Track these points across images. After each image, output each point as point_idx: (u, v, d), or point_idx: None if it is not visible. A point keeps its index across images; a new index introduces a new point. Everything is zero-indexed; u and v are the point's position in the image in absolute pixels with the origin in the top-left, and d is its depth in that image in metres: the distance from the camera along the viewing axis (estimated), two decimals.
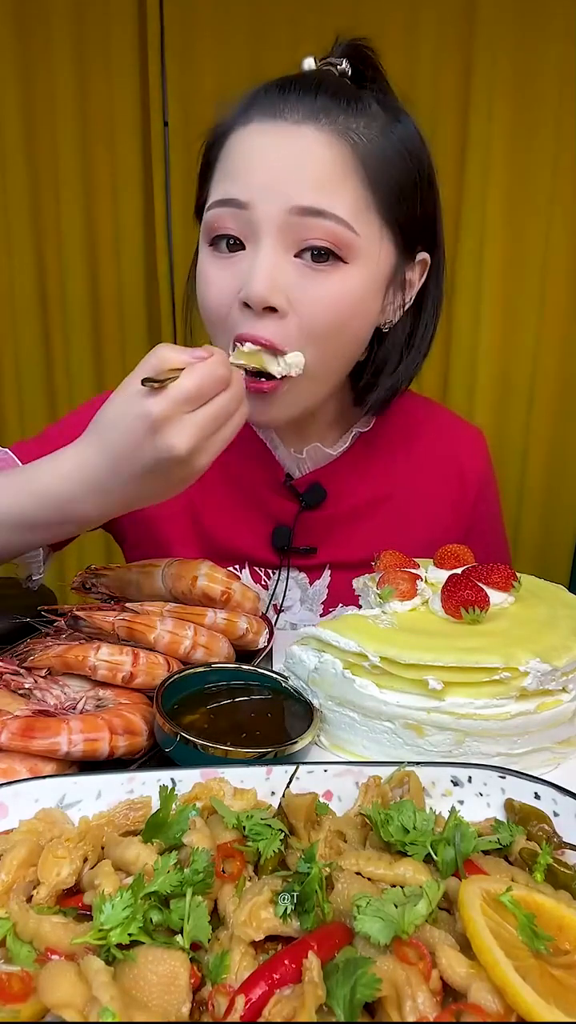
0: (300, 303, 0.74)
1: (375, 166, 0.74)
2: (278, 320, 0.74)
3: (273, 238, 0.72)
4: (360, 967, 0.36)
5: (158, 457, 0.61)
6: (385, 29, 2.00)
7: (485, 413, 2.22)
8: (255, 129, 0.74)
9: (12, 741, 0.56)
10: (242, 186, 0.73)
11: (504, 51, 1.98)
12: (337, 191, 0.72)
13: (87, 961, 0.36)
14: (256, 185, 0.72)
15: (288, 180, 0.71)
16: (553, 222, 2.09)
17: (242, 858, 0.45)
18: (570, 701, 0.62)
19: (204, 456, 0.62)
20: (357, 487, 0.95)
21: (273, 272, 0.72)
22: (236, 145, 0.75)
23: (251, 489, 0.94)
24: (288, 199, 0.71)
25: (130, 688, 0.67)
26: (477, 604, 0.67)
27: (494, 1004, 0.35)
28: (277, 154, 0.72)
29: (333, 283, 0.74)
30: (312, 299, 0.74)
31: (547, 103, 2.01)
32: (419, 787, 0.53)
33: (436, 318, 0.89)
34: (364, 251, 0.75)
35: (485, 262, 2.11)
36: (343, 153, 0.73)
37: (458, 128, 2.06)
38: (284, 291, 0.73)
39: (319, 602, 0.96)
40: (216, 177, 0.77)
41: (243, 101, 0.77)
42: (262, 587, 0.96)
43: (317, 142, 0.72)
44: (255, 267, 0.72)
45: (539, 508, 2.29)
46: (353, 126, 0.73)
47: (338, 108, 0.73)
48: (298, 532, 0.93)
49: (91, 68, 2.10)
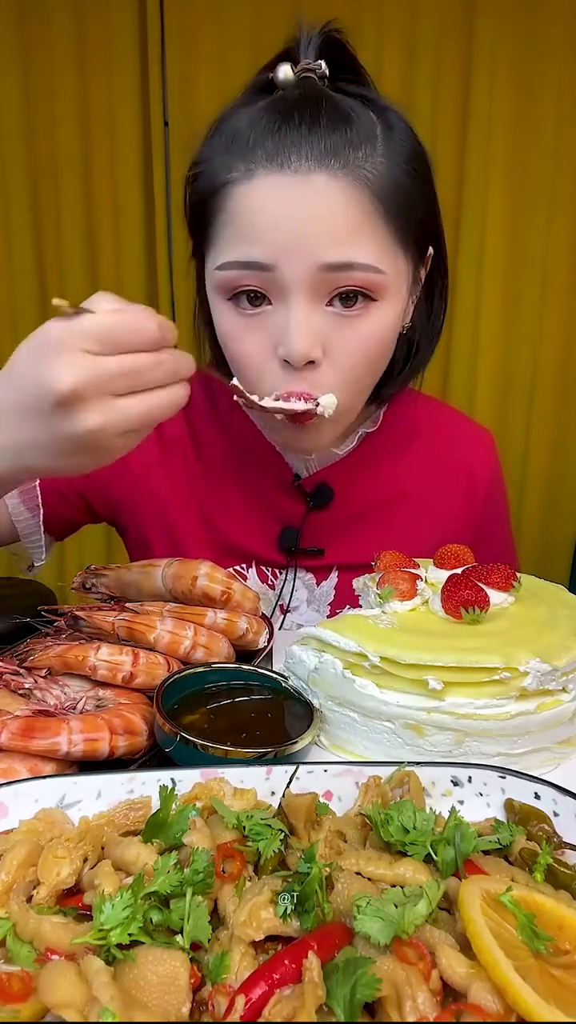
0: (336, 350, 0.74)
1: (390, 196, 0.72)
2: (315, 369, 0.74)
3: (303, 294, 0.71)
4: (360, 967, 0.36)
5: (37, 381, 0.50)
6: (385, 29, 2.00)
7: (485, 413, 2.22)
8: (262, 184, 0.70)
9: (12, 741, 0.56)
10: (262, 248, 0.70)
11: (504, 51, 1.99)
12: (361, 239, 0.71)
13: (87, 961, 0.36)
14: (278, 247, 0.70)
15: (311, 238, 0.69)
16: (553, 221, 2.09)
17: (242, 858, 0.45)
18: (570, 701, 0.62)
19: (94, 414, 0.50)
20: (365, 487, 0.95)
21: (309, 328, 0.72)
22: (242, 201, 0.71)
23: (260, 489, 0.94)
24: (315, 258, 0.70)
25: (130, 688, 0.67)
26: (477, 604, 0.67)
27: (494, 1004, 0.35)
28: (295, 211, 0.69)
29: (366, 325, 0.74)
30: (348, 345, 0.74)
31: (547, 103, 2.02)
32: (419, 787, 0.53)
33: (444, 304, 0.89)
34: (392, 285, 0.75)
35: (485, 261, 2.11)
36: (359, 197, 0.70)
37: (458, 128, 2.06)
38: (320, 342, 0.73)
39: (326, 603, 0.96)
40: (223, 233, 0.74)
41: (236, 141, 0.72)
42: (268, 587, 0.96)
43: (333, 191, 0.69)
44: (292, 326, 0.71)
45: (539, 508, 2.29)
46: (360, 160, 0.70)
47: (342, 142, 0.69)
48: (306, 533, 0.93)
49: (91, 67, 2.10)
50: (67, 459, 0.54)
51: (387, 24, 2.00)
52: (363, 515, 0.95)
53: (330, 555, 0.94)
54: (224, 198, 0.73)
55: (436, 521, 0.96)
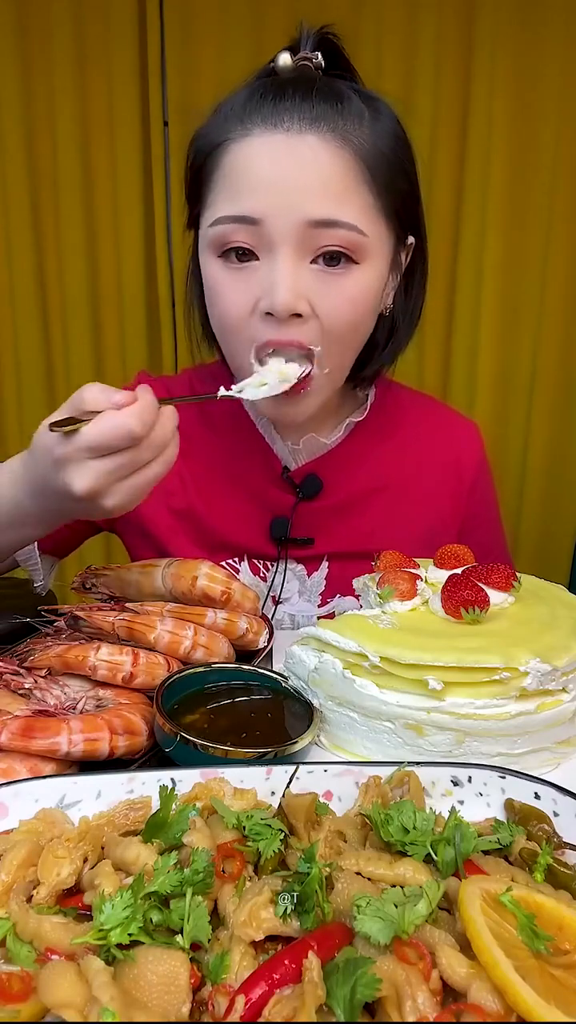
0: (321, 306, 0.76)
1: (374, 165, 0.76)
2: (301, 324, 0.76)
3: (289, 248, 0.74)
4: (360, 967, 0.36)
5: (62, 491, 0.62)
6: (385, 29, 2.00)
7: (485, 412, 2.22)
8: (256, 141, 0.74)
9: (12, 741, 0.56)
10: (252, 202, 0.74)
11: (504, 51, 1.99)
12: (346, 199, 0.74)
13: (87, 961, 0.36)
14: (267, 201, 0.73)
15: (299, 194, 0.73)
16: (553, 221, 2.09)
17: (242, 858, 0.45)
18: (570, 701, 0.62)
19: (111, 499, 0.62)
20: (353, 477, 0.96)
21: (294, 281, 0.74)
22: (237, 158, 0.75)
23: (249, 482, 0.95)
24: (302, 213, 0.73)
25: (130, 688, 0.67)
26: (477, 604, 0.67)
27: (494, 1004, 0.35)
28: (284, 167, 0.73)
29: (349, 284, 0.77)
30: (332, 302, 0.76)
31: (547, 102, 2.02)
32: (419, 787, 0.53)
33: (424, 294, 0.93)
34: (373, 249, 0.78)
35: (485, 261, 2.11)
36: (346, 159, 0.74)
37: (458, 128, 2.06)
38: (305, 297, 0.75)
39: (317, 593, 0.97)
40: (217, 190, 0.77)
41: (233, 109, 0.76)
42: (261, 579, 0.96)
43: (322, 151, 0.73)
44: (277, 278, 0.74)
45: (539, 508, 2.29)
46: (349, 128, 0.74)
47: (333, 112, 0.74)
48: (295, 524, 0.94)
49: (91, 68, 2.10)
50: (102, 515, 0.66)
51: (387, 24, 2.00)
52: (352, 505, 0.96)
53: (320, 545, 0.96)
54: (220, 157, 0.77)
55: (424, 510, 0.98)
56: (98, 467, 0.60)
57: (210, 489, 0.96)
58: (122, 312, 2.24)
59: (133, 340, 2.27)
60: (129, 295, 2.23)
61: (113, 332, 2.27)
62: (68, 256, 2.20)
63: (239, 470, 0.96)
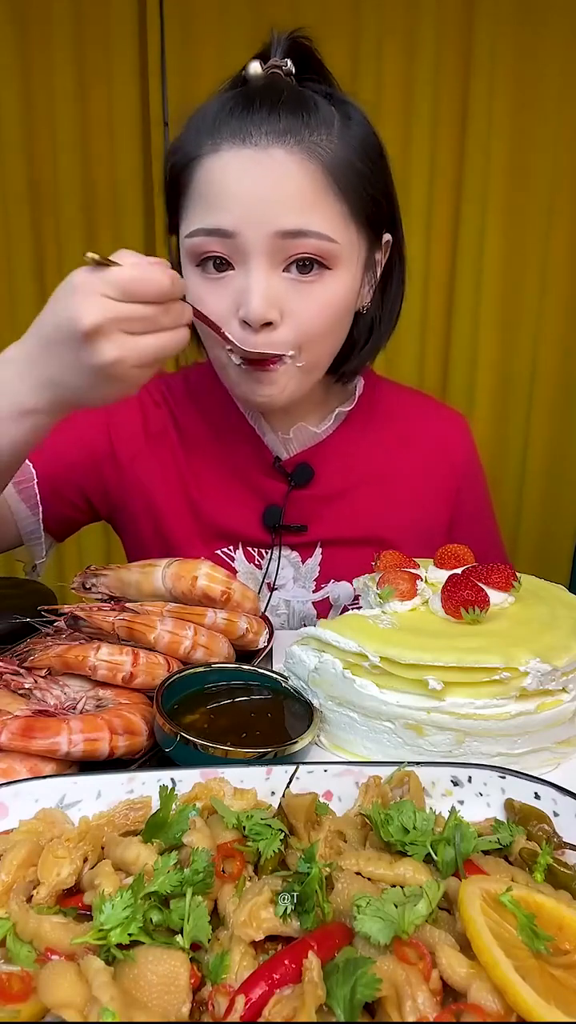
0: (293, 313, 0.80)
1: (342, 174, 0.79)
2: (273, 331, 0.79)
3: (262, 259, 0.77)
4: (360, 967, 0.36)
5: (65, 319, 0.60)
6: (385, 29, 2.00)
7: (485, 412, 2.22)
8: (226, 156, 0.76)
9: (12, 741, 0.56)
10: (225, 215, 0.77)
11: (504, 51, 1.99)
12: (315, 209, 0.77)
13: (87, 961, 0.37)
14: (239, 214, 0.76)
15: (269, 206, 0.76)
16: (553, 221, 2.09)
17: (242, 858, 0.45)
18: (570, 701, 0.62)
19: (111, 347, 0.60)
20: (343, 466, 0.99)
21: (267, 291, 0.77)
22: (209, 173, 0.78)
23: (242, 472, 0.98)
24: (272, 224, 0.76)
25: (130, 688, 0.67)
26: (477, 604, 0.67)
27: (494, 1004, 0.35)
28: (254, 181, 0.76)
29: (321, 291, 0.80)
30: (304, 309, 0.80)
31: (547, 102, 2.02)
32: (419, 787, 0.53)
33: (403, 289, 0.97)
34: (345, 255, 0.81)
35: (485, 261, 2.11)
36: (314, 171, 0.77)
37: (458, 128, 2.06)
38: (278, 305, 0.79)
39: (311, 579, 0.99)
40: (192, 203, 0.80)
41: (204, 123, 0.79)
42: (256, 567, 0.99)
43: (290, 165, 0.76)
44: (250, 289, 0.77)
45: (539, 508, 2.29)
46: (316, 140, 0.77)
47: (300, 124, 0.76)
48: (288, 511, 0.97)
49: (91, 68, 2.10)
50: (94, 389, 0.63)
51: (387, 24, 2.00)
52: (343, 493, 0.98)
53: (313, 531, 0.98)
54: (193, 171, 0.80)
55: (415, 497, 1.01)
56: (115, 306, 0.59)
57: (205, 479, 0.98)
58: None
59: None
60: None
61: None
62: (68, 256, 2.20)
63: (232, 461, 0.98)
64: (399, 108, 2.06)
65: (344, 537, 0.97)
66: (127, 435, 0.97)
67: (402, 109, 2.06)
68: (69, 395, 0.65)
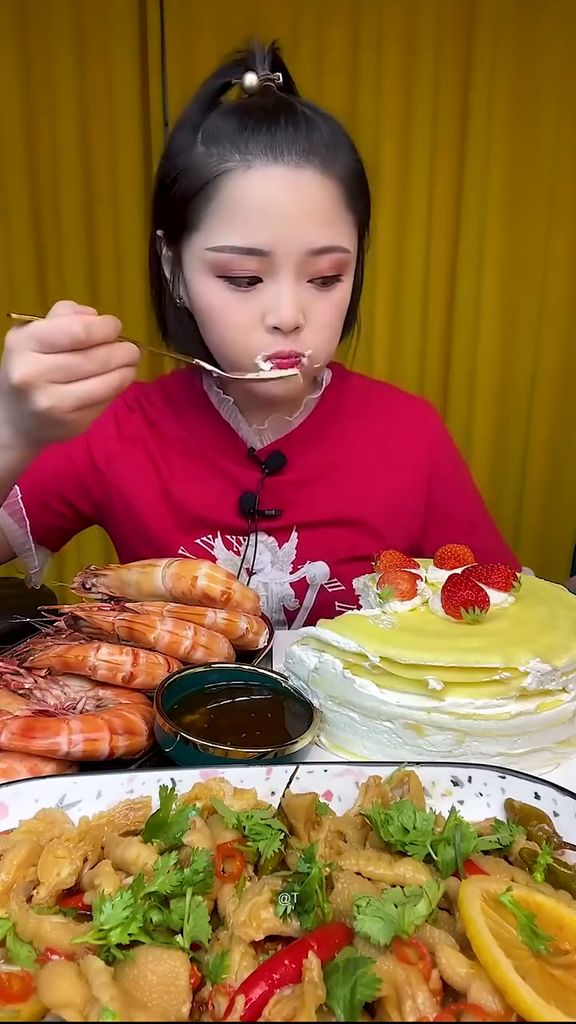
0: (313, 317, 0.86)
1: (352, 188, 0.84)
2: (299, 333, 0.86)
3: (292, 272, 0.83)
4: (360, 967, 0.36)
5: (2, 378, 0.65)
6: (385, 29, 2.00)
7: (485, 413, 2.22)
8: (258, 173, 0.79)
9: (12, 741, 0.56)
10: (260, 234, 0.80)
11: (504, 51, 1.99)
12: (338, 225, 0.84)
13: (87, 961, 0.36)
14: (274, 233, 0.80)
15: (304, 226, 0.81)
16: (553, 221, 2.09)
17: (242, 858, 0.45)
18: (570, 701, 0.62)
19: (42, 397, 0.64)
20: (315, 452, 1.03)
21: (297, 300, 0.84)
22: (240, 188, 0.80)
23: (217, 464, 1.02)
24: (304, 242, 0.81)
25: (130, 688, 0.67)
26: (477, 604, 0.67)
27: (494, 1004, 0.35)
28: (288, 200, 0.80)
29: (334, 296, 0.88)
30: (322, 313, 0.87)
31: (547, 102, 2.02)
32: (419, 787, 0.53)
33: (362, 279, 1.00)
34: (352, 262, 0.89)
35: (485, 262, 2.11)
36: (335, 188, 0.82)
37: (458, 128, 2.07)
38: (304, 311, 0.85)
39: (288, 562, 1.02)
40: (218, 217, 0.82)
41: (225, 136, 0.80)
42: (235, 553, 1.02)
43: (318, 184, 0.81)
44: (283, 299, 0.83)
45: (539, 508, 2.29)
46: (332, 157, 0.81)
47: (319, 143, 0.81)
48: (263, 497, 1.00)
49: (91, 68, 2.10)
50: (45, 430, 0.68)
51: (387, 24, 2.00)
52: (316, 478, 1.03)
53: (288, 516, 1.01)
54: (218, 186, 0.81)
55: (386, 481, 1.05)
56: (39, 360, 0.63)
57: (182, 474, 1.02)
58: (122, 313, 2.24)
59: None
60: (129, 296, 2.23)
61: None
62: (68, 256, 2.20)
63: (207, 452, 1.02)
64: (399, 108, 2.06)
65: (318, 520, 1.01)
66: (102, 440, 1.03)
67: (402, 109, 2.06)
68: (29, 433, 0.70)
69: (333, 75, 2.04)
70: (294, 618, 1.04)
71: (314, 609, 1.03)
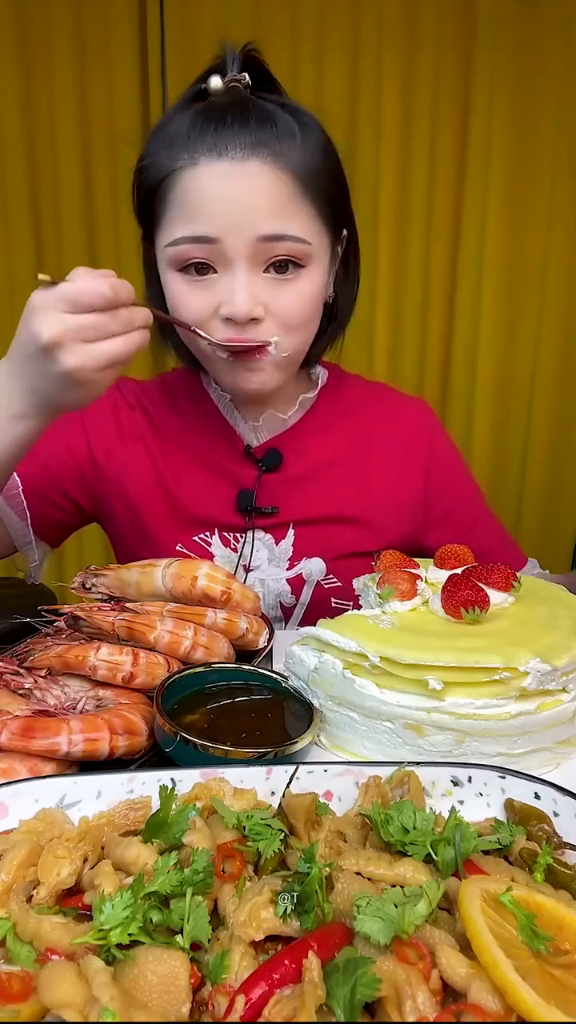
0: (275, 309, 0.87)
1: (309, 178, 0.85)
2: (257, 325, 0.87)
3: (243, 262, 0.84)
4: (360, 967, 0.36)
5: (28, 339, 0.68)
6: (385, 29, 2.00)
7: (485, 413, 2.22)
8: (204, 169, 0.82)
9: (12, 741, 0.56)
10: (208, 224, 0.83)
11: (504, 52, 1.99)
12: (290, 214, 0.84)
13: (87, 961, 0.36)
14: (221, 222, 0.82)
15: (249, 213, 0.82)
16: (553, 221, 2.09)
17: (242, 858, 0.45)
18: (570, 701, 0.62)
19: (71, 356, 0.67)
20: (311, 450, 1.04)
21: (250, 289, 0.84)
22: (188, 184, 0.83)
23: (215, 461, 1.03)
24: (252, 230, 0.82)
25: (130, 688, 0.67)
26: (477, 604, 0.67)
27: (494, 1004, 0.35)
28: (234, 191, 0.82)
29: (298, 287, 0.88)
30: (284, 304, 0.87)
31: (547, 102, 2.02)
32: (419, 787, 0.53)
33: (358, 277, 1.03)
34: (316, 253, 0.88)
35: (485, 261, 2.11)
36: (285, 180, 0.83)
37: (458, 129, 2.06)
38: (260, 302, 0.86)
39: (285, 559, 1.03)
40: (172, 214, 0.86)
41: (177, 137, 0.84)
42: (232, 550, 1.02)
43: (264, 175, 0.82)
44: (235, 289, 0.84)
45: (539, 508, 2.29)
46: (284, 150, 0.83)
47: (269, 136, 0.82)
48: (260, 495, 1.01)
49: (91, 68, 2.10)
50: (66, 393, 0.70)
51: (387, 24, 2.00)
52: (312, 475, 1.04)
53: (285, 513, 1.02)
54: (171, 184, 0.85)
55: (382, 477, 1.06)
56: (67, 319, 0.66)
57: (181, 471, 1.03)
58: None
59: None
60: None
61: None
62: (68, 256, 2.20)
63: (206, 452, 1.03)
64: (399, 108, 2.06)
65: (314, 516, 1.02)
66: (102, 436, 1.04)
67: (402, 109, 2.06)
68: (49, 399, 0.72)
69: (333, 75, 2.04)
70: (291, 614, 1.04)
71: (310, 605, 1.03)
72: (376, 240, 2.12)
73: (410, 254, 2.14)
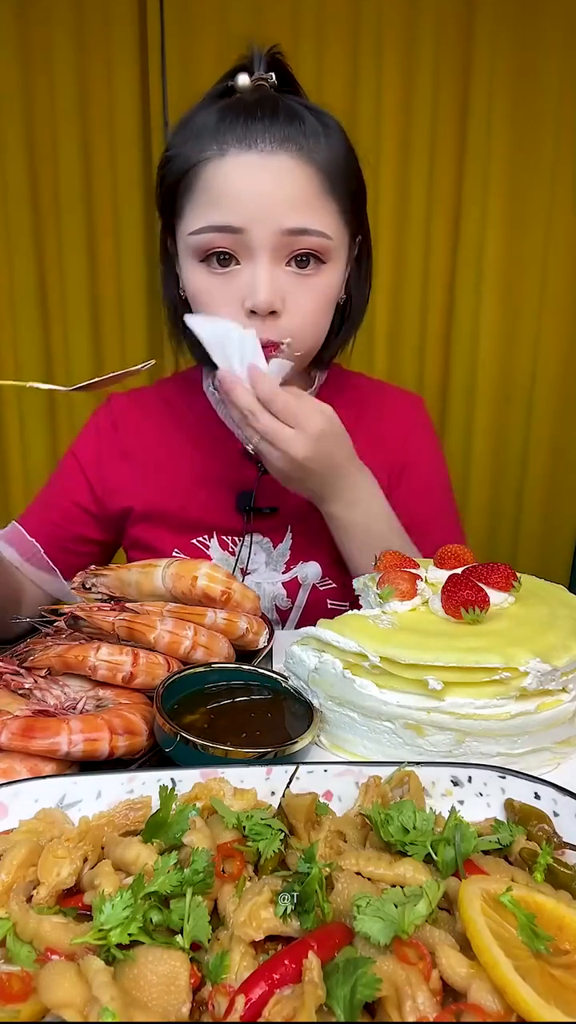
0: (293, 303, 0.88)
1: (333, 176, 0.87)
2: (276, 319, 0.88)
3: (267, 253, 0.85)
4: (360, 967, 0.36)
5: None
6: (385, 29, 2.00)
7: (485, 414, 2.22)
8: (233, 160, 0.84)
9: (12, 741, 0.56)
10: (234, 214, 0.84)
11: (504, 50, 1.99)
12: (315, 209, 0.86)
13: (87, 961, 0.36)
14: (247, 212, 0.84)
15: (275, 206, 0.84)
16: (553, 221, 2.09)
17: (242, 858, 0.45)
18: (570, 701, 0.62)
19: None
20: None
21: (272, 282, 0.86)
22: (216, 174, 0.85)
23: (214, 466, 1.03)
24: (278, 223, 0.84)
25: (130, 688, 0.67)
26: (477, 604, 0.67)
27: (494, 1004, 0.35)
28: (262, 182, 0.84)
29: (317, 283, 0.89)
30: (303, 299, 0.89)
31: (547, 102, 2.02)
32: (419, 787, 0.53)
33: (370, 280, 1.04)
34: (337, 249, 0.90)
35: (485, 262, 2.11)
36: (311, 175, 0.85)
37: (458, 129, 2.06)
38: (280, 295, 0.87)
39: (282, 562, 1.04)
40: (197, 203, 0.87)
41: (206, 129, 0.85)
42: (230, 554, 1.03)
43: (292, 169, 0.84)
44: (258, 280, 0.85)
45: (539, 508, 2.28)
46: (311, 147, 0.85)
47: (297, 132, 0.84)
48: (260, 495, 1.02)
49: (91, 68, 2.09)
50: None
51: (387, 24, 2.00)
52: None
53: (284, 513, 1.03)
54: (197, 174, 0.86)
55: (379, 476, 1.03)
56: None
57: (179, 477, 1.04)
58: (122, 313, 2.24)
59: (133, 341, 2.27)
60: (129, 295, 2.22)
61: (114, 333, 2.27)
62: (69, 257, 2.19)
63: (204, 456, 1.04)
64: (399, 108, 2.06)
65: (313, 518, 1.01)
66: (95, 468, 1.06)
67: (402, 109, 2.06)
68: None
69: (333, 75, 2.04)
70: (287, 617, 1.04)
71: (306, 607, 1.04)
72: (376, 239, 2.10)
73: (410, 253, 2.14)
